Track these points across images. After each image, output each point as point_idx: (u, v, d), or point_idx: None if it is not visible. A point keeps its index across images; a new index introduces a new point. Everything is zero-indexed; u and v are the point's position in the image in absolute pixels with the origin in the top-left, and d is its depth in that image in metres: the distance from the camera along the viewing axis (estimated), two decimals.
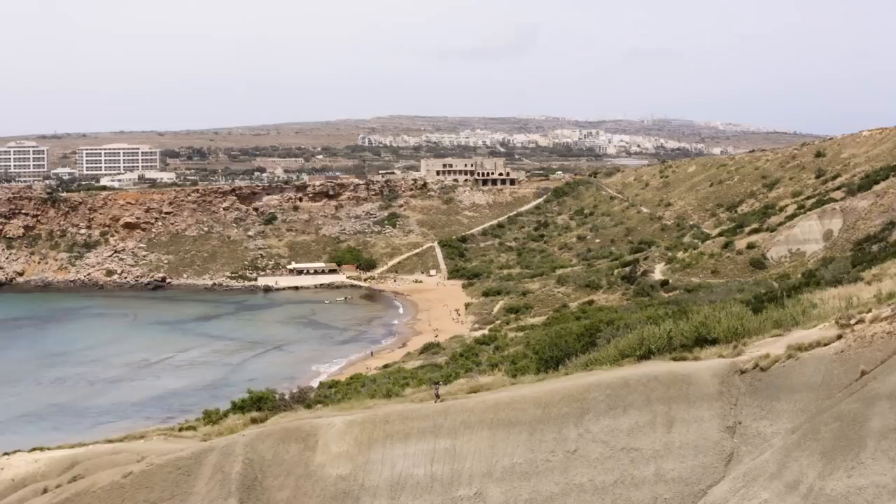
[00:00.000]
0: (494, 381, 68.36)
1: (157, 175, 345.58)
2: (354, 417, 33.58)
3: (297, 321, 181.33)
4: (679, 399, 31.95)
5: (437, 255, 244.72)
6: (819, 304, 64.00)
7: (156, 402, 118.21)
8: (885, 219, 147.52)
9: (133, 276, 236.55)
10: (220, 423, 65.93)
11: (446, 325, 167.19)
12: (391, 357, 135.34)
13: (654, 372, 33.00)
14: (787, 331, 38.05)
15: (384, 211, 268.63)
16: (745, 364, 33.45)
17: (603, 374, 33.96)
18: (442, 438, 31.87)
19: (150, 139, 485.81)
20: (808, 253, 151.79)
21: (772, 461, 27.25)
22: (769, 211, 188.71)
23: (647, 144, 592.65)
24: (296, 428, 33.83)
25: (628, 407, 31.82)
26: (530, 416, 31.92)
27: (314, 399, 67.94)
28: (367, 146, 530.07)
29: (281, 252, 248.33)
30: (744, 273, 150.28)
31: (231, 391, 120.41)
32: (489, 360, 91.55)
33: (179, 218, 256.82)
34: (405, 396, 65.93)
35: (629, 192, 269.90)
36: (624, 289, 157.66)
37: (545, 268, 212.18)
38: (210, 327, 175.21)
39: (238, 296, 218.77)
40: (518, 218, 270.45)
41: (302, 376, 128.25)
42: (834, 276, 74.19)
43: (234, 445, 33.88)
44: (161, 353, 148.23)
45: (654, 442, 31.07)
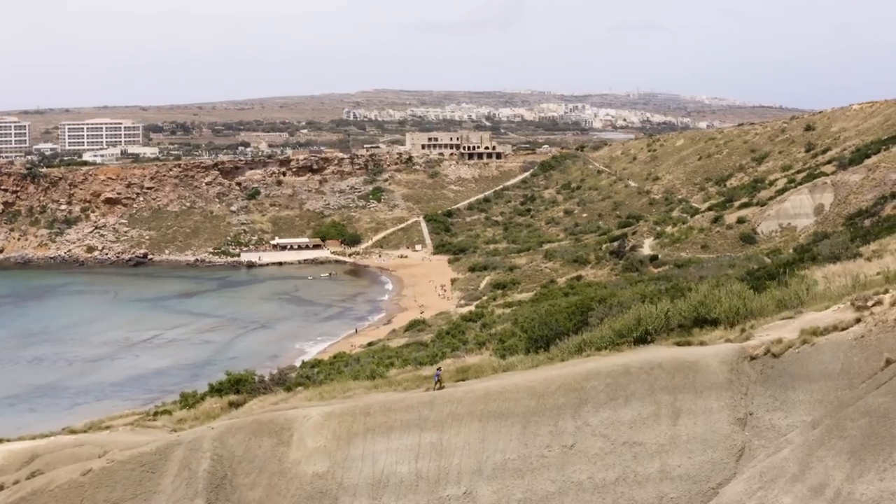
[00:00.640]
0: (482, 361, 65.82)
1: (140, 150, 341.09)
2: (332, 408, 30.90)
3: (280, 298, 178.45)
4: (685, 388, 29.40)
5: (423, 230, 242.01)
6: (822, 282, 61.58)
7: (135, 383, 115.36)
8: (876, 193, 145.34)
9: (114, 253, 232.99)
10: (196, 407, 63.22)
11: (432, 302, 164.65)
12: (376, 334, 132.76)
13: (658, 358, 30.44)
14: (797, 313, 35.51)
15: (369, 185, 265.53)
16: (756, 349, 30.90)
17: (602, 361, 31.37)
18: (428, 432, 29.27)
19: (134, 114, 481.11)
20: (799, 227, 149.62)
21: (792, 460, 24.72)
22: (759, 185, 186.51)
23: (634, 118, 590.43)
24: (269, 420, 31.13)
25: (630, 397, 29.26)
26: (523, 407, 29.34)
27: (294, 381, 65.33)
28: (351, 120, 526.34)
29: (264, 227, 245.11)
30: (734, 248, 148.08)
31: (212, 370, 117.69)
32: (476, 339, 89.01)
33: (161, 193, 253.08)
34: (389, 378, 63.47)
35: (616, 166, 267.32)
36: (612, 264, 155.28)
37: (532, 242, 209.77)
38: (192, 304, 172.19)
39: (221, 272, 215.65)
40: (504, 192, 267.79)
41: (285, 355, 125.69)
42: (832, 251, 71.78)
43: (201, 440, 31.18)
44: (142, 332, 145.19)
45: (659, 435, 28.54)
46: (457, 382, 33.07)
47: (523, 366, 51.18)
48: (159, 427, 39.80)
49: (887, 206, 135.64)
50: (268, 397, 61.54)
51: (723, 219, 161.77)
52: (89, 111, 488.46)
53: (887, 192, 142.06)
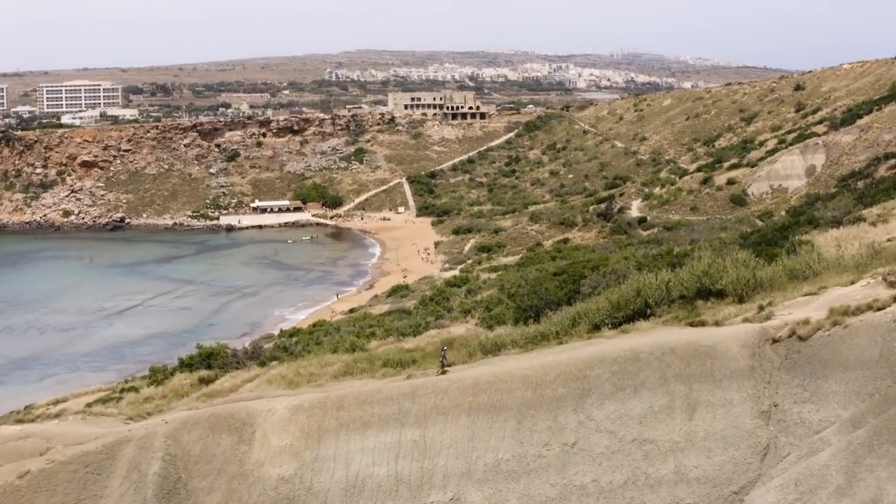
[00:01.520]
0: (468, 333, 62.13)
1: (119, 112, 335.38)
2: (301, 401, 27.19)
3: (260, 262, 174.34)
4: (702, 377, 25.90)
5: (406, 192, 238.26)
6: (828, 248, 58.14)
7: (108, 353, 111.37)
8: (870, 154, 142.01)
9: (91, 217, 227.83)
10: (165, 384, 59.54)
11: (415, 265, 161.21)
12: (358, 300, 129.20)
13: (670, 342, 26.89)
14: (820, 288, 32.02)
15: (351, 146, 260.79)
16: (779, 331, 27.40)
17: (606, 345, 27.76)
18: (409, 428, 25.69)
19: (114, 76, 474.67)
20: (790, 189, 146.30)
21: (835, 468, 21.18)
22: (748, 146, 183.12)
23: (618, 78, 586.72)
24: (228, 415, 27.39)
25: (640, 387, 25.74)
26: (518, 399, 25.80)
27: (269, 355, 61.71)
28: (334, 81, 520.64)
29: (244, 190, 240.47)
30: (724, 210, 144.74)
31: (189, 339, 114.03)
32: (461, 306, 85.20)
33: (139, 156, 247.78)
34: (370, 352, 59.83)
35: (603, 126, 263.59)
36: (600, 226, 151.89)
37: (517, 204, 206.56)
38: (169, 270, 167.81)
39: (199, 236, 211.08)
40: (489, 153, 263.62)
41: (264, 322, 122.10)
42: (834, 215, 68.43)
43: (153, 437, 27.47)
44: (117, 299, 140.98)
45: (673, 431, 25.09)
46: None
47: (514, 343, 47.76)
48: (113, 415, 36.00)
49: (881, 168, 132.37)
50: (240, 373, 57.91)
51: (712, 180, 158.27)
52: (69, 73, 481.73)
53: (881, 154, 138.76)
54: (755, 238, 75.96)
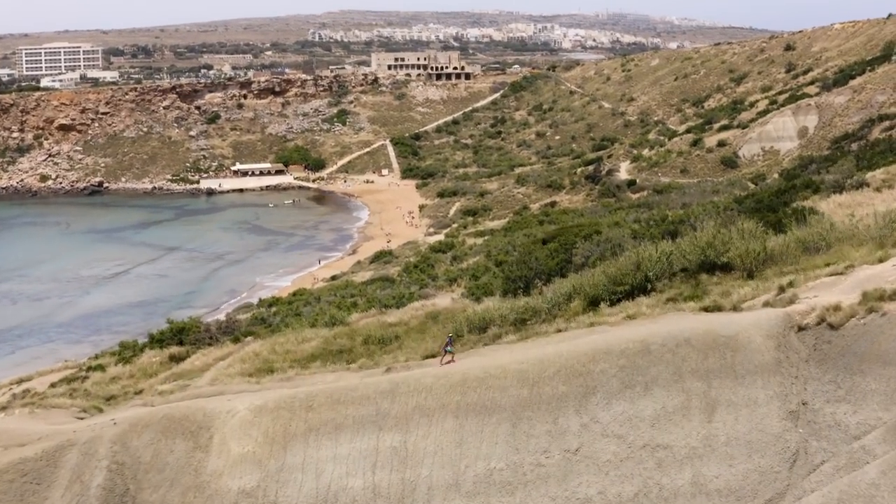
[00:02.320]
0: (455, 306, 58.81)
1: (99, 74, 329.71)
2: (265, 400, 23.83)
3: (240, 227, 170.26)
4: (722, 372, 22.75)
5: (390, 154, 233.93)
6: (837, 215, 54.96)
7: (83, 323, 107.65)
8: (863, 115, 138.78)
9: (68, 182, 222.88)
10: (133, 362, 56.40)
11: (399, 229, 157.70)
12: (340, 266, 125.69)
13: (684, 331, 23.68)
14: (847, 267, 28.85)
15: (333, 108, 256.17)
16: (805, 317, 24.28)
17: (612, 335, 24.50)
18: (388, 433, 22.47)
19: (94, 38, 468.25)
20: (782, 151, 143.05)
21: (887, 488, 18.07)
22: (738, 106, 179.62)
23: (603, 39, 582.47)
24: (183, 416, 24.02)
25: (651, 384, 22.59)
26: (513, 398, 22.60)
27: (244, 329, 58.48)
28: (317, 41, 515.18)
29: (224, 153, 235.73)
30: (715, 172, 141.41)
31: (165, 307, 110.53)
32: (446, 274, 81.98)
33: (117, 118, 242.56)
34: (350, 326, 56.61)
35: (590, 87, 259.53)
36: (588, 189, 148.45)
37: (503, 166, 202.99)
38: (148, 235, 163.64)
39: (179, 200, 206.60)
40: (474, 114, 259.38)
41: (243, 290, 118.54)
42: (836, 180, 65.22)
43: (98, 441, 24.13)
44: (93, 267, 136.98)
45: (690, 436, 21.99)
46: (424, 360, 26.26)
47: (503, 319, 44.61)
48: (65, 406, 32.78)
49: (875, 129, 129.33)
50: (213, 350, 54.75)
51: (702, 142, 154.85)
52: (49, 35, 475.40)
53: (874, 115, 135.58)
54: (752, 203, 72.87)
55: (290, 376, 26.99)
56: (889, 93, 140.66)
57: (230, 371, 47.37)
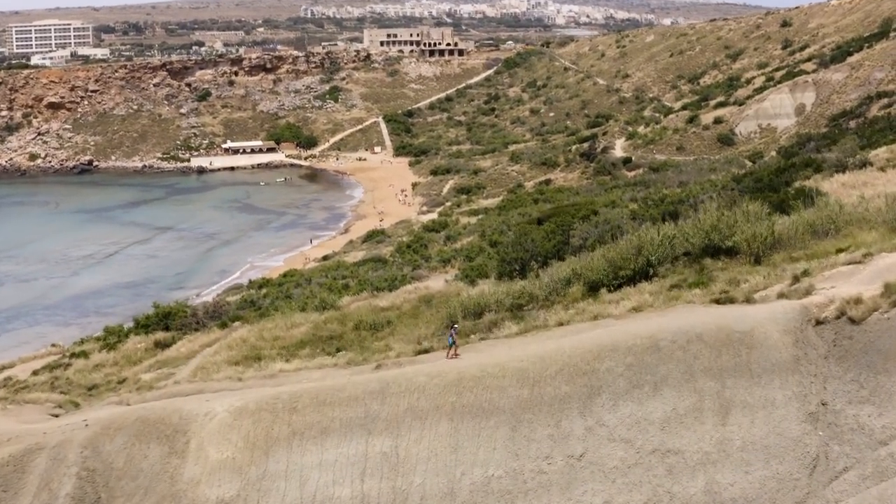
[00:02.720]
0: (449, 290, 57.06)
1: (90, 51, 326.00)
2: (245, 401, 22.14)
3: (231, 206, 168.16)
4: (737, 371, 21.16)
5: (382, 131, 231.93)
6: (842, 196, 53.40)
7: (71, 305, 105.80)
8: (861, 93, 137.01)
9: (58, 161, 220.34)
10: (118, 348, 54.79)
11: (392, 208, 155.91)
12: (332, 245, 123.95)
13: (695, 326, 22.05)
14: (865, 255, 27.21)
15: (325, 85, 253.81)
16: (823, 310, 22.67)
17: (617, 330, 22.86)
18: (378, 437, 20.87)
19: (86, 14, 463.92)
20: (779, 128, 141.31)
21: None
22: (734, 83, 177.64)
23: (597, 15, 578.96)
24: (158, 419, 22.34)
25: (661, 384, 21.00)
26: (512, 399, 21.00)
27: (232, 314, 56.85)
28: (309, 18, 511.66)
29: (215, 130, 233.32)
30: (711, 149, 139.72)
31: (155, 288, 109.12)
32: (440, 255, 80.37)
33: (107, 96, 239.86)
34: (340, 310, 54.91)
35: (584, 63, 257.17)
36: (583, 167, 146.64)
37: (497, 143, 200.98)
38: (137, 214, 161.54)
39: (169, 178, 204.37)
40: (467, 91, 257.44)
41: (234, 270, 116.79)
42: (839, 158, 63.54)
43: (68, 445, 22.48)
44: (82, 246, 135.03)
45: (703, 440, 20.41)
46: (416, 356, 24.63)
47: (499, 304, 43.02)
48: (40, 402, 31.12)
49: (873, 107, 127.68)
50: (199, 336, 53.13)
51: (698, 119, 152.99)
52: (40, 13, 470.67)
53: (873, 92, 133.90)
54: (751, 181, 71.21)
55: (273, 373, 25.30)
56: (887, 70, 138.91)
57: (216, 359, 45.76)
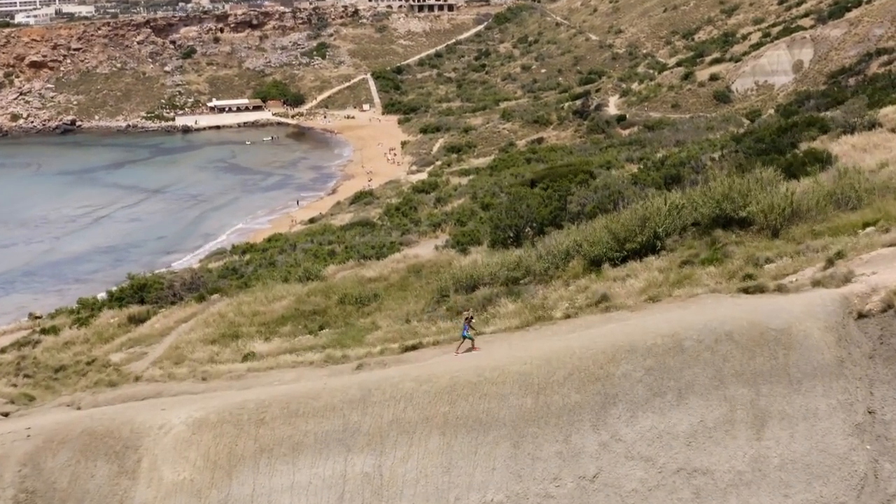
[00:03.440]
0: (440, 258, 54.05)
1: (75, 9, 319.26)
2: (206, 411, 19.13)
3: (217, 166, 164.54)
4: (773, 375, 18.27)
5: (371, 88, 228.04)
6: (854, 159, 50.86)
7: (50, 271, 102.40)
8: (860, 49, 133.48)
9: (40, 121, 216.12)
10: (90, 323, 51.92)
11: (381, 167, 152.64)
12: (320, 206, 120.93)
13: (724, 322, 19.08)
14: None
15: (312, 41, 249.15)
16: (866, 301, 19.82)
17: (633, 326, 19.90)
18: (359, 454, 17.97)
19: None
20: (776, 86, 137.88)
21: None
22: (730, 39, 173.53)
23: None
24: (106, 432, 19.33)
25: (686, 391, 18.10)
26: (514, 409, 18.10)
27: (210, 286, 53.84)
28: None
29: (201, 88, 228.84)
30: (707, 107, 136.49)
31: (135, 254, 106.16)
32: (430, 219, 77.47)
33: (90, 54, 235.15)
34: (325, 280, 52.02)
35: (576, 19, 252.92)
36: (576, 125, 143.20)
37: (488, 101, 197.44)
38: (120, 176, 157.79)
39: (154, 138, 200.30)
40: (457, 47, 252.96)
41: (218, 233, 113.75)
42: (847, 119, 60.52)
43: (5, 462, 19.51)
44: (63, 209, 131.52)
45: (735, 457, 17.57)
46: (403, 353, 21.70)
47: (493, 277, 40.28)
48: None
49: (873, 64, 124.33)
50: (175, 310, 50.24)
51: (693, 75, 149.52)
52: None
53: (872, 49, 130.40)
54: (752, 141, 68.22)
55: (240, 373, 22.30)
56: (887, 26, 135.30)
57: (191, 337, 42.93)
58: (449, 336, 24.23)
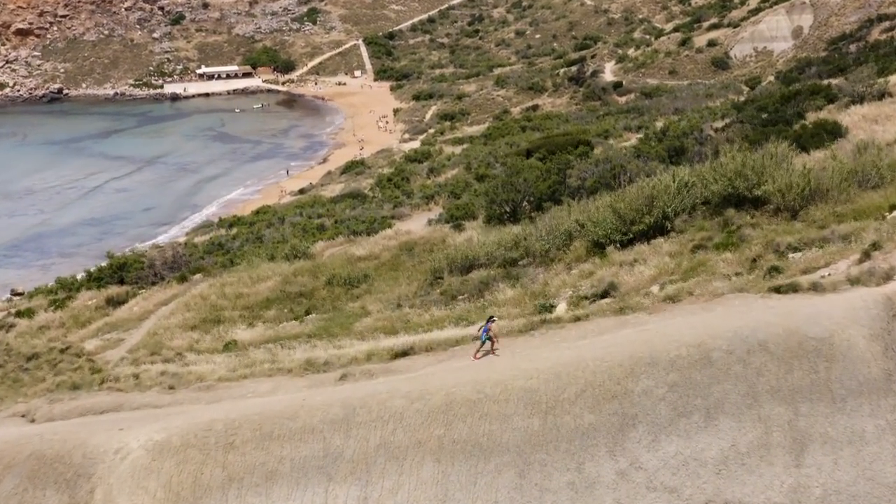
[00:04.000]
0: (433, 234, 51.81)
1: None
2: (168, 433, 16.76)
3: (205, 135, 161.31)
4: (813, 392, 16.04)
5: (363, 54, 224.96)
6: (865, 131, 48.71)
7: (34, 244, 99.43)
8: (861, 15, 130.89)
9: (27, 89, 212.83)
10: (67, 305, 49.68)
11: (373, 135, 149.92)
12: (310, 176, 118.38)
13: (756, 329, 16.76)
14: None
15: (303, 6, 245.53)
16: None
17: (653, 332, 17.57)
18: (341, 484, 15.71)
19: None
20: (776, 52, 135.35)
21: None
22: (728, 4, 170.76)
23: None
24: (56, 457, 16.99)
25: (716, 411, 15.85)
26: (519, 432, 15.85)
27: (193, 266, 51.35)
28: None
29: (189, 55, 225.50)
30: (705, 74, 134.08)
31: (121, 226, 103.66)
32: (423, 190, 75.13)
33: (76, 21, 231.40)
34: (313, 259, 49.79)
35: None
36: (572, 91, 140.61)
37: (481, 67, 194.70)
38: (108, 145, 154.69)
39: (142, 106, 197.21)
40: (450, 11, 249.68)
41: (205, 204, 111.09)
42: (855, 88, 58.05)
43: None
44: (48, 180, 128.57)
45: (771, 487, 15.40)
46: (393, 360, 19.37)
47: (490, 258, 38.15)
48: None
49: (874, 30, 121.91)
50: (155, 291, 47.96)
51: (691, 41, 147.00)
52: None
53: (873, 15, 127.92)
54: (754, 110, 65.92)
55: (209, 383, 19.93)
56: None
57: (170, 322, 40.68)
58: (444, 336, 21.93)
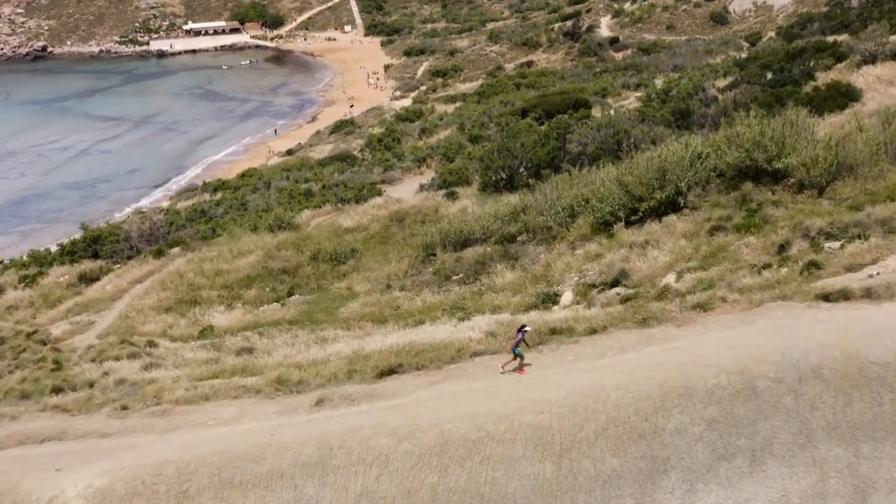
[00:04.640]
0: (426, 203, 49.70)
1: None
2: (113, 476, 14.03)
3: (192, 93, 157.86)
4: (877, 429, 13.51)
5: (353, 9, 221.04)
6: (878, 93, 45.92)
7: (14, 210, 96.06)
8: None
9: (10, 48, 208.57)
10: (38, 282, 47.00)
11: (363, 93, 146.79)
12: (299, 135, 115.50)
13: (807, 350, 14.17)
14: None
15: None
16: None
17: (685, 355, 14.77)
18: None
19: None
20: (776, 7, 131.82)
21: None
22: None
23: None
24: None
25: (762, 453, 13.22)
26: (528, 479, 13.21)
27: (171, 240, 48.33)
28: None
29: (176, 11, 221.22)
30: (704, 29, 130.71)
31: (104, 189, 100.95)
32: (414, 153, 72.58)
33: None
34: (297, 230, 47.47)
35: None
36: (567, 47, 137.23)
37: (474, 21, 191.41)
38: (92, 104, 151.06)
39: (127, 63, 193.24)
40: None
41: (190, 165, 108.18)
42: (866, 47, 54.96)
43: None
44: (30, 141, 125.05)
45: None
46: (378, 379, 16.64)
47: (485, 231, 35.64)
48: None
49: None
50: (131, 267, 45.31)
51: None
52: None
53: None
54: (758, 68, 62.96)
55: (165, 407, 17.16)
56: None
57: (144, 303, 38.11)
58: (438, 338, 19.24)
